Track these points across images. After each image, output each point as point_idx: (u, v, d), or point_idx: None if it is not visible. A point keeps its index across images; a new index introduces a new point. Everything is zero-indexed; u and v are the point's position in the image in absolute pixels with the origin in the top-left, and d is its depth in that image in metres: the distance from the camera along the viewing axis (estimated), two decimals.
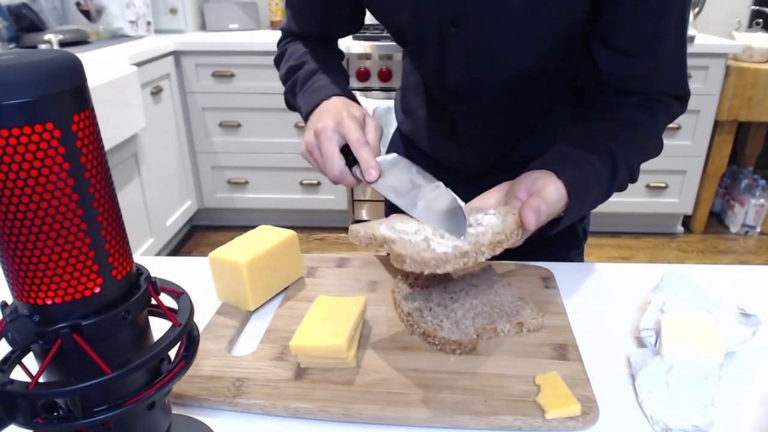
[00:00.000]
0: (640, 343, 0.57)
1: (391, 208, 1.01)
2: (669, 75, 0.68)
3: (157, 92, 2.23)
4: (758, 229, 2.75)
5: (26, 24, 2.22)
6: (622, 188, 0.68)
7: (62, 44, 2.19)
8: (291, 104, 0.83)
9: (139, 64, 2.04)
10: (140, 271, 0.38)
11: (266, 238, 0.65)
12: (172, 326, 0.37)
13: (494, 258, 0.69)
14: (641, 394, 0.50)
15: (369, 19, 0.92)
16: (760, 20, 2.63)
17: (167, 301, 0.39)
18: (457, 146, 0.84)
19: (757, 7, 2.70)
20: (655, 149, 0.71)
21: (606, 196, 0.66)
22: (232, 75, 2.41)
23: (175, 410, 0.45)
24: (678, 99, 0.70)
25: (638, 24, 0.63)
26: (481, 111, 0.77)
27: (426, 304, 0.60)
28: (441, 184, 0.60)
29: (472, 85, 0.74)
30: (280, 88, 0.85)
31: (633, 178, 0.68)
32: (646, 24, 0.63)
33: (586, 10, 0.64)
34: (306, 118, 0.72)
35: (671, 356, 0.51)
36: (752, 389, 0.51)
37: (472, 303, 0.61)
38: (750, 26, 2.72)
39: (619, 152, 0.64)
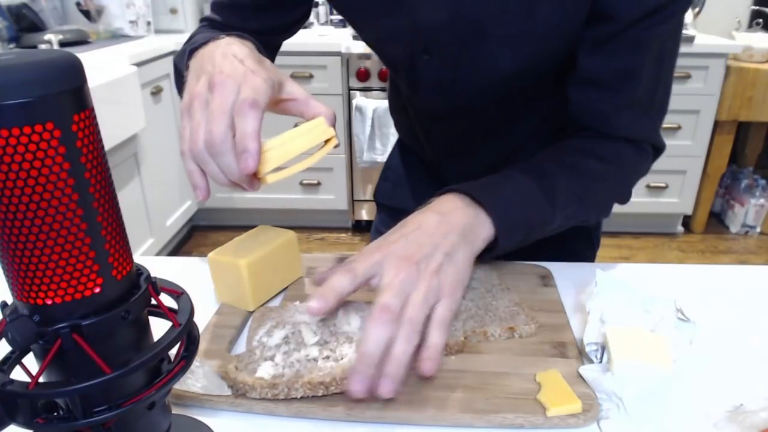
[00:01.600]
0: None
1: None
2: (638, 119, 0.63)
3: (157, 92, 2.24)
4: (758, 229, 2.75)
5: (26, 24, 2.22)
6: (585, 214, 0.63)
7: (62, 44, 2.19)
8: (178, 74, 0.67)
9: (139, 64, 2.04)
10: (140, 271, 0.38)
11: (266, 238, 0.65)
12: (172, 326, 0.37)
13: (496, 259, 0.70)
14: (599, 413, 0.48)
15: None
16: (760, 20, 2.63)
17: (167, 301, 0.39)
18: (434, 159, 0.83)
19: (757, 7, 2.70)
20: (614, 193, 0.65)
21: (556, 216, 0.60)
22: None
23: (175, 410, 0.45)
24: (654, 148, 0.66)
25: (611, 55, 0.60)
26: (456, 131, 0.75)
27: None
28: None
29: (446, 109, 0.72)
30: None
31: (588, 212, 0.63)
32: (619, 56, 0.59)
33: (567, 41, 0.61)
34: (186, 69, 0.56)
35: (623, 372, 0.49)
36: (696, 400, 0.50)
37: (465, 305, 0.60)
38: (750, 26, 2.72)
39: (552, 171, 0.60)
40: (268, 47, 0.70)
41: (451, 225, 0.53)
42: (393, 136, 2.17)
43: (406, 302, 0.47)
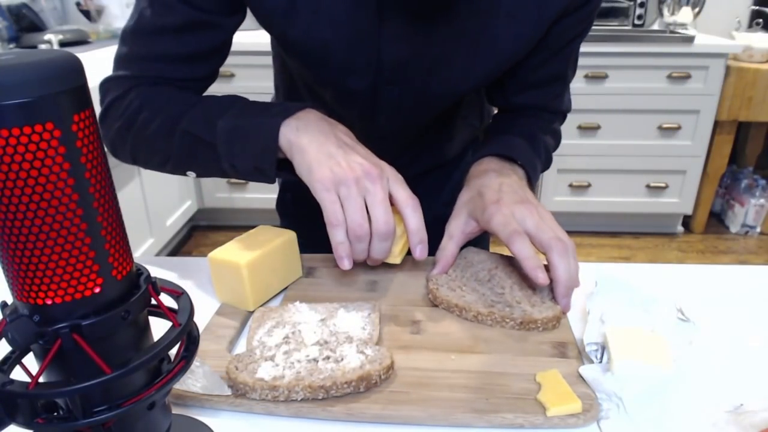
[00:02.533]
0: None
1: None
2: (562, 99, 0.79)
3: None
4: (758, 229, 2.75)
5: (26, 24, 2.22)
6: (546, 166, 0.80)
7: (62, 44, 2.19)
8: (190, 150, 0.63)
9: None
10: (140, 271, 0.38)
11: (265, 238, 0.65)
12: (172, 326, 0.37)
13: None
14: (599, 413, 0.48)
15: None
16: (760, 20, 2.63)
17: (167, 301, 0.39)
18: None
19: (757, 7, 2.70)
20: (556, 137, 0.82)
21: (543, 165, 0.78)
22: (232, 75, 2.41)
23: (175, 410, 0.45)
24: (562, 114, 0.82)
25: (545, 69, 0.73)
26: (396, 144, 0.80)
27: (482, 298, 0.62)
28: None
29: (396, 127, 0.76)
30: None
31: (549, 162, 0.80)
32: (550, 68, 0.74)
33: (519, 59, 0.69)
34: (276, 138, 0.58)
35: (622, 372, 0.49)
36: (696, 400, 0.50)
37: (511, 284, 0.64)
38: (750, 26, 2.72)
39: (538, 135, 0.76)
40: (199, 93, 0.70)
41: (511, 177, 0.68)
42: None
43: (552, 230, 0.60)
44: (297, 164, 0.58)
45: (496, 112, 0.85)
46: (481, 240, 0.75)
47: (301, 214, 0.80)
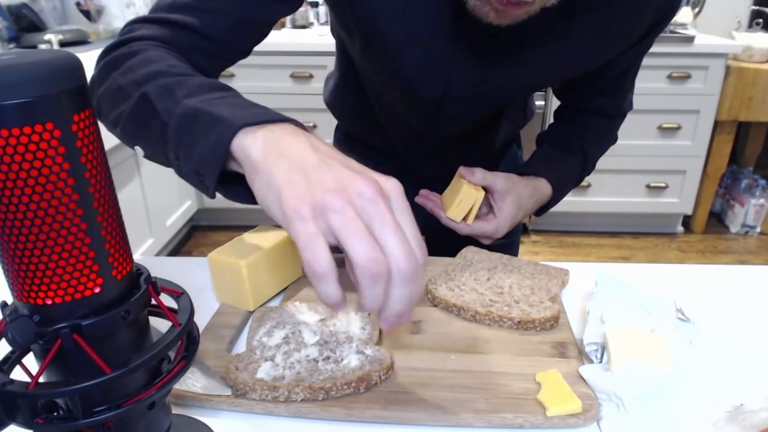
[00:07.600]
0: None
1: None
2: (622, 103, 0.83)
3: None
4: (758, 229, 2.75)
5: (26, 24, 2.22)
6: (583, 179, 0.86)
7: (62, 44, 2.19)
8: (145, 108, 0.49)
9: None
10: (140, 271, 0.38)
11: (265, 238, 0.65)
12: (172, 326, 0.37)
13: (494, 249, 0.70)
14: (599, 413, 0.48)
15: None
16: (760, 20, 2.63)
17: (167, 301, 0.39)
18: (411, 158, 0.89)
19: (757, 7, 2.70)
20: (610, 144, 0.89)
21: (576, 185, 0.86)
22: (232, 75, 2.40)
23: (175, 410, 0.45)
24: (621, 117, 0.87)
25: (608, 78, 0.77)
26: (450, 140, 0.84)
27: (480, 297, 0.62)
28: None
29: (458, 130, 0.80)
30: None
31: (592, 170, 0.87)
32: (613, 75, 0.76)
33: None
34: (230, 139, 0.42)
35: (622, 372, 0.49)
36: (696, 400, 0.50)
37: (510, 284, 0.65)
38: (750, 26, 2.71)
39: (588, 151, 0.83)
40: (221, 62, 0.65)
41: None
42: None
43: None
44: (259, 190, 0.40)
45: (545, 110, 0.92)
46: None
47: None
